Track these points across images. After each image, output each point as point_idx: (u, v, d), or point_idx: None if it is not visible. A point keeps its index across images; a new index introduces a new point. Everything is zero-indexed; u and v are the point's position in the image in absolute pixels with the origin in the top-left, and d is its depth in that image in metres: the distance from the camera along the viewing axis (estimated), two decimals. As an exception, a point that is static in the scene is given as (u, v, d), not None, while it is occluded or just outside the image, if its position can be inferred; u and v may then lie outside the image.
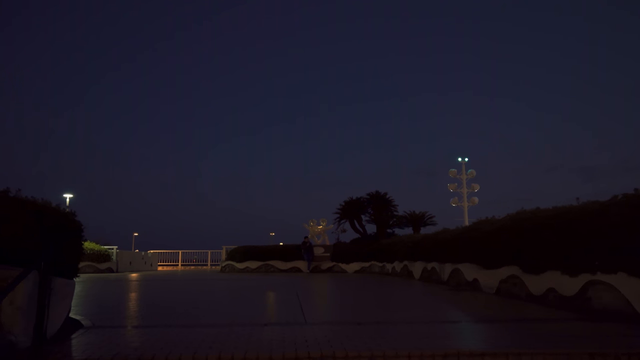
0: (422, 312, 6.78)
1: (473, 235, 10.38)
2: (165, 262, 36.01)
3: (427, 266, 14.01)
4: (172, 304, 7.80)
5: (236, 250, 23.46)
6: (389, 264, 19.14)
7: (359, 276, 19.17)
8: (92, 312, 6.48)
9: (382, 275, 19.43)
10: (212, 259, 36.81)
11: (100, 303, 8.04)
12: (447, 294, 9.53)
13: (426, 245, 14.39)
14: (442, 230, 14.22)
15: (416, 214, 24.39)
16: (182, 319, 5.81)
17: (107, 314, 6.44)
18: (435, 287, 11.38)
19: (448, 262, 12.18)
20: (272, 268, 22.51)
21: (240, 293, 10.44)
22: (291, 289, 11.19)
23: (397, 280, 15.72)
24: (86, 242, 24.28)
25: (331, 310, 7.32)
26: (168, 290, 11.53)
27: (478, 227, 10.38)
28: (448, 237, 12.32)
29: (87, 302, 8.12)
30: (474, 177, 37.42)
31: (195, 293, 10.67)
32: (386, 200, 24.78)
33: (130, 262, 26.74)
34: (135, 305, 7.65)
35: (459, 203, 37.16)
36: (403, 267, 16.91)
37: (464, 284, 10.91)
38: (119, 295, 9.88)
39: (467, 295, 9.17)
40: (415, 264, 15.23)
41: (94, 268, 23.31)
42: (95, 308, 7.12)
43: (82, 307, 7.12)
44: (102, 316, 6.11)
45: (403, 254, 17.20)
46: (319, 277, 18.89)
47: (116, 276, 19.48)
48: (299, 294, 9.56)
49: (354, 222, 25.09)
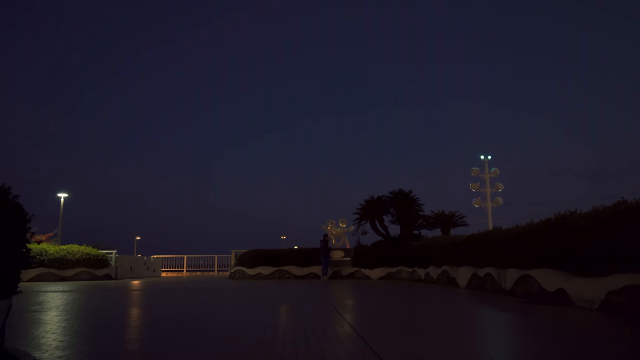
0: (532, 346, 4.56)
1: (556, 233, 8.17)
2: (170, 267, 34.07)
3: (478, 272, 11.78)
4: (175, 331, 5.64)
5: (247, 255, 21.29)
6: (421, 269, 16.92)
7: (387, 284, 16.95)
8: (55, 345, 4.35)
9: (412, 282, 17.21)
10: (220, 264, 34.83)
11: (77, 327, 5.88)
12: (528, 309, 7.30)
13: (475, 247, 12.18)
14: (496, 229, 12.00)
15: (445, 214, 22.14)
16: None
17: (78, 347, 4.29)
18: (497, 299, 9.16)
19: (512, 267, 9.96)
20: (286, 274, 20.32)
21: (260, 305, 8.24)
22: (326, 303, 9.02)
23: (437, 288, 13.51)
24: (82, 246, 22.23)
25: (412, 343, 5.10)
26: (171, 304, 9.37)
27: (562, 223, 8.18)
28: (511, 235, 10.10)
29: (56, 326, 5.97)
30: (497, 175, 35.25)
31: (205, 312, 8.52)
32: (411, 199, 22.57)
33: (131, 268, 24.65)
34: (121, 333, 5.49)
35: (482, 203, 34.97)
36: (442, 272, 14.68)
37: (540, 294, 8.67)
38: (105, 314, 7.73)
39: (559, 312, 6.95)
40: (460, 270, 13.00)
41: (90, 275, 21.21)
42: (63, 337, 4.97)
43: (44, 335, 4.98)
44: (66, 353, 3.97)
45: (441, 257, 14.99)
46: (343, 284, 16.70)
47: (114, 284, 17.35)
48: (339, 309, 7.39)
49: (375, 222, 22.89)
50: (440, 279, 14.84)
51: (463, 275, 12.78)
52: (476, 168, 35.38)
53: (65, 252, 20.84)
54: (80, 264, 20.95)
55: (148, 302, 9.95)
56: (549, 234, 8.43)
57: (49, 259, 20.35)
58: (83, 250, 21.44)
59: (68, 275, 20.55)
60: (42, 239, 23.63)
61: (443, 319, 6.48)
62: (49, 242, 23.63)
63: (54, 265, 20.33)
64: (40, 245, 21.27)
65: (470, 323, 6.13)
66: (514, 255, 9.84)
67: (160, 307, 8.79)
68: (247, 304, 9.02)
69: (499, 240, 10.62)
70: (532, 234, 9.12)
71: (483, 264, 11.59)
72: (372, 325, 5.86)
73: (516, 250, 9.73)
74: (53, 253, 20.54)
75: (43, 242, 23.05)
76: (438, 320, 6.41)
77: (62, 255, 20.63)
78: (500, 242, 10.57)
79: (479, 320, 6.61)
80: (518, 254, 9.66)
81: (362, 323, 6.03)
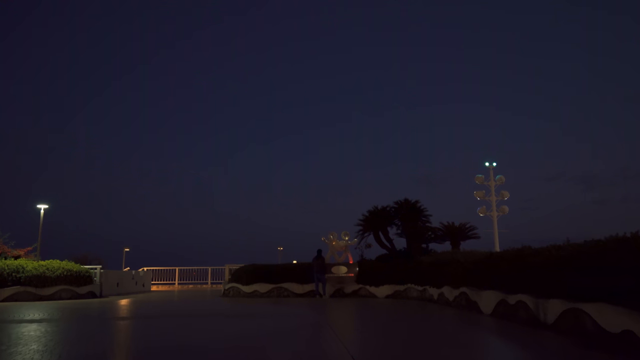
0: None
1: (624, 259, 6.65)
2: (160, 280, 32.42)
3: (507, 299, 10.22)
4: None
5: (242, 270, 19.66)
6: (434, 289, 15.35)
7: (396, 304, 15.39)
8: None
9: (423, 303, 15.66)
10: (213, 277, 33.35)
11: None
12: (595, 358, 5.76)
13: (503, 268, 10.65)
14: (527, 248, 10.46)
15: (454, 226, 20.59)
16: None
17: None
18: (540, 335, 7.61)
19: (555, 297, 8.42)
20: (285, 292, 18.72)
21: (257, 345, 6.64)
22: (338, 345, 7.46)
23: (454, 313, 11.98)
24: (63, 261, 20.53)
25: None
26: (155, 347, 7.76)
27: (633, 247, 6.67)
28: (553, 258, 8.57)
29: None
30: (503, 183, 33.99)
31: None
32: (417, 209, 21.05)
33: (117, 284, 22.95)
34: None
35: (487, 212, 33.64)
36: (459, 295, 13.13)
37: (595, 335, 7.14)
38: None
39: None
40: (484, 294, 11.45)
41: (71, 293, 19.50)
42: None
43: None
44: None
45: (458, 277, 13.44)
46: (350, 305, 15.12)
47: (97, 304, 15.65)
48: None
49: (379, 234, 21.35)
50: (457, 302, 13.29)
51: (487, 300, 11.24)
52: (481, 175, 34.05)
53: (44, 268, 19.14)
54: (60, 281, 19.24)
55: (125, 341, 8.33)
56: (611, 259, 6.92)
57: (25, 276, 18.65)
58: (64, 266, 19.73)
59: (47, 294, 18.85)
60: (20, 253, 21.88)
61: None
62: (27, 257, 21.88)
63: (31, 283, 18.62)
64: (17, 261, 19.57)
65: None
66: (557, 282, 8.32)
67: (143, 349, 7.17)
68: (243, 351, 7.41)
69: (537, 264, 9.09)
70: (584, 258, 7.61)
71: (514, 289, 10.05)
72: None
73: (560, 276, 8.21)
74: (31, 270, 18.84)
75: (21, 257, 21.34)
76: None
77: (41, 272, 18.93)
78: (538, 266, 9.04)
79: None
80: (563, 282, 8.14)
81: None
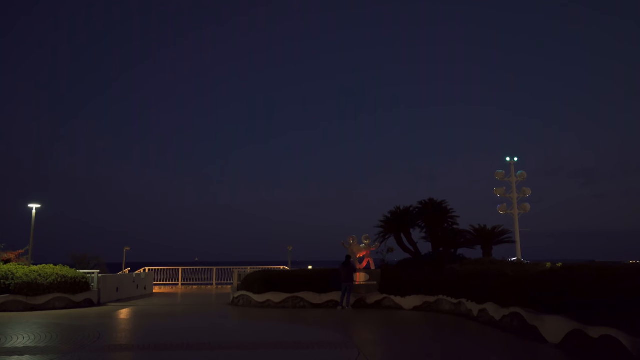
0: None
1: None
2: (164, 281, 30.75)
3: (587, 330, 8.43)
4: None
5: (253, 278, 17.88)
6: (473, 304, 13.55)
7: (428, 320, 13.63)
8: None
9: (458, 318, 13.89)
10: (218, 277, 31.69)
11: None
12: None
13: (583, 287, 8.87)
14: (636, 265, 8.67)
15: (486, 229, 18.75)
16: None
17: None
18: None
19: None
20: (301, 302, 16.98)
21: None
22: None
23: (504, 338, 10.22)
24: (57, 266, 18.79)
25: None
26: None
27: None
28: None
29: None
30: (524, 179, 32.19)
31: None
32: (443, 209, 19.22)
33: (117, 289, 21.23)
34: None
35: (507, 210, 31.88)
36: (510, 315, 11.34)
37: None
38: None
39: None
40: (548, 319, 9.63)
41: (66, 301, 17.77)
42: None
43: None
44: None
45: (508, 293, 11.66)
46: (378, 321, 13.37)
47: (94, 315, 13.86)
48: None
49: (401, 237, 19.56)
50: (506, 323, 11.50)
51: (554, 327, 9.43)
52: (501, 171, 32.20)
53: (36, 274, 17.40)
54: (54, 288, 17.51)
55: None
56: None
57: (15, 283, 16.92)
58: (58, 271, 17.98)
59: (39, 303, 17.13)
60: (11, 257, 20.13)
61: None
62: (18, 261, 20.12)
63: (22, 292, 16.89)
64: (6, 266, 17.82)
65: None
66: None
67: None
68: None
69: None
70: None
71: (593, 319, 8.27)
72: None
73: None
74: (21, 276, 17.10)
75: (12, 261, 19.60)
76: None
77: (32, 278, 17.18)
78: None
79: None
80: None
81: None
